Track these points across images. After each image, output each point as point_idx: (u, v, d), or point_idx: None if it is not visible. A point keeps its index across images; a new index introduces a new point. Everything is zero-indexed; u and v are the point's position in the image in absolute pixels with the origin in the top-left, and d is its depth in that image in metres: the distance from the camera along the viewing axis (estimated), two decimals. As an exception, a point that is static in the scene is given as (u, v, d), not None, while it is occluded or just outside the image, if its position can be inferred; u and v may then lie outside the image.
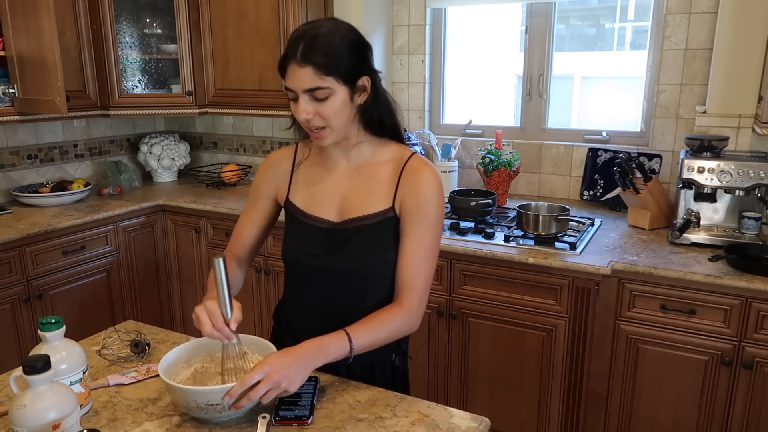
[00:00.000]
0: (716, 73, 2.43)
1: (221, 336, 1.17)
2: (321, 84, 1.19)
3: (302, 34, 1.21)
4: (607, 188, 2.77)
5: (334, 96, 1.21)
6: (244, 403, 1.09)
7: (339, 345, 1.19)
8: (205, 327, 1.17)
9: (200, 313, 1.18)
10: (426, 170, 1.31)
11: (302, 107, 1.22)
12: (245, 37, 2.98)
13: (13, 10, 2.59)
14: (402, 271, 1.30)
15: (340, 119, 1.24)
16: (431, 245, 1.31)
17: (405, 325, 1.29)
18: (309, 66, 1.18)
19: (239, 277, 1.44)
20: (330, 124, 1.24)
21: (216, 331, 1.17)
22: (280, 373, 1.10)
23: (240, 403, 1.08)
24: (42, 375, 0.97)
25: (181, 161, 3.61)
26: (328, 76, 1.19)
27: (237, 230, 1.48)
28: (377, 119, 1.31)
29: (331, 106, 1.22)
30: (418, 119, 3.24)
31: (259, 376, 1.09)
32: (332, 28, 1.22)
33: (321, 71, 1.18)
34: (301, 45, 1.18)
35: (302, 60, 1.18)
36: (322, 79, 1.19)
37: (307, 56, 1.18)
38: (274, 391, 1.10)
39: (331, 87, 1.20)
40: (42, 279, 2.60)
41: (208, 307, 1.18)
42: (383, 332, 1.26)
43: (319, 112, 1.22)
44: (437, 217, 1.31)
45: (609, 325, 2.16)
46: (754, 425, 2.01)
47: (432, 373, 2.49)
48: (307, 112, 1.22)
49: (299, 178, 1.40)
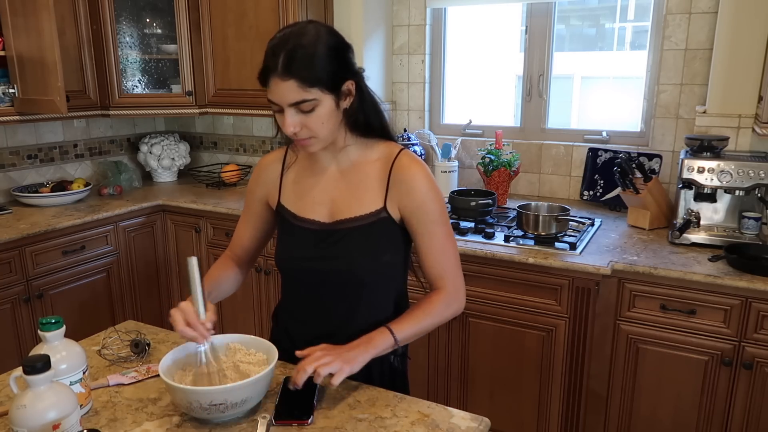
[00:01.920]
0: (716, 73, 2.43)
1: (195, 335, 1.17)
2: (306, 96, 1.16)
3: (280, 43, 1.17)
4: (607, 188, 2.77)
5: (321, 106, 1.19)
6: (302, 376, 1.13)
7: (383, 338, 1.24)
8: (179, 326, 1.17)
9: (175, 313, 1.19)
10: (414, 167, 1.30)
11: (288, 121, 1.19)
12: (245, 37, 2.98)
13: (13, 10, 2.59)
14: (428, 267, 1.33)
15: (327, 128, 1.23)
16: (445, 234, 1.33)
17: (449, 310, 1.33)
18: (292, 79, 1.15)
19: (236, 278, 1.45)
20: (317, 135, 1.22)
21: (190, 331, 1.17)
22: (337, 350, 1.16)
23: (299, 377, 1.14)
24: (42, 375, 0.97)
25: (181, 161, 3.61)
26: (312, 87, 1.16)
27: (236, 232, 1.49)
28: (363, 121, 1.29)
29: (317, 117, 1.19)
30: (418, 119, 3.24)
31: (319, 352, 1.15)
32: (312, 37, 1.18)
33: (305, 84, 1.15)
34: (281, 57, 1.15)
35: (284, 73, 1.15)
36: (306, 92, 1.16)
37: (289, 69, 1.15)
38: (330, 365, 1.14)
39: (316, 98, 1.17)
40: (42, 279, 2.60)
41: (182, 308, 1.19)
42: (427, 320, 1.30)
43: (305, 124, 1.20)
44: (440, 208, 1.32)
45: (609, 325, 2.16)
46: (754, 425, 2.01)
47: (432, 373, 2.49)
48: (294, 126, 1.20)
49: (289, 181, 1.40)
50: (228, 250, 1.49)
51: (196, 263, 1.17)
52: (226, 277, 1.42)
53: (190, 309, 1.19)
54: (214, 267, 1.43)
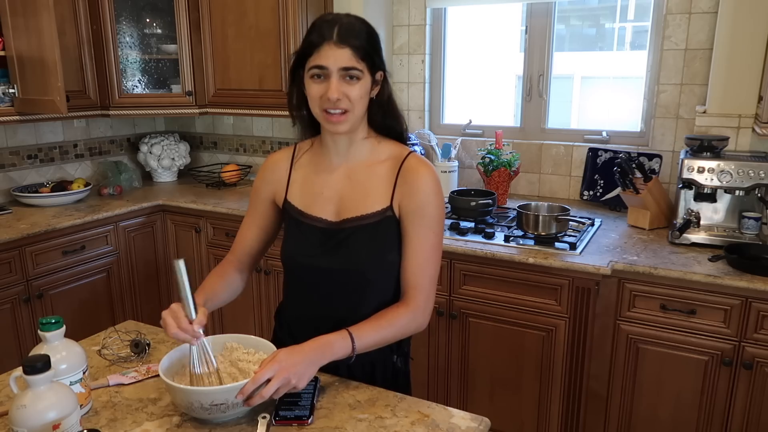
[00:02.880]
0: (716, 73, 2.43)
1: (187, 337, 1.17)
2: (357, 65, 1.23)
3: (335, 19, 1.25)
4: (607, 188, 2.77)
5: (363, 80, 1.25)
6: (257, 400, 1.10)
7: (343, 343, 1.21)
8: (169, 328, 1.17)
9: (165, 316, 1.19)
10: (423, 169, 1.31)
11: (334, 85, 1.23)
12: (245, 37, 2.98)
13: (13, 10, 2.59)
14: (406, 272, 1.31)
15: (361, 105, 1.27)
16: (434, 244, 1.31)
17: (412, 324, 1.30)
18: (347, 47, 1.22)
19: (236, 285, 1.43)
20: (353, 109, 1.26)
21: (181, 332, 1.17)
22: (289, 370, 1.12)
23: (252, 400, 1.10)
24: (42, 375, 0.97)
25: (181, 161, 3.61)
26: (362, 61, 1.24)
27: (239, 234, 1.48)
28: (382, 116, 1.34)
29: (358, 89, 1.25)
30: (418, 119, 3.24)
31: (270, 373, 1.10)
32: (359, 20, 1.27)
33: (358, 54, 1.23)
34: (336, 28, 1.22)
35: (340, 41, 1.22)
36: (357, 62, 1.23)
37: (345, 39, 1.22)
38: (285, 388, 1.12)
39: (362, 71, 1.24)
40: (42, 279, 2.60)
41: (172, 310, 1.20)
42: (389, 331, 1.27)
43: (347, 94, 1.24)
44: (438, 216, 1.31)
45: (609, 325, 2.16)
46: (754, 425, 2.01)
47: (432, 373, 2.49)
48: (338, 91, 1.23)
49: (297, 178, 1.40)
50: (229, 255, 1.47)
51: (183, 266, 1.18)
52: (225, 285, 1.40)
53: (179, 311, 1.19)
54: (212, 275, 1.41)
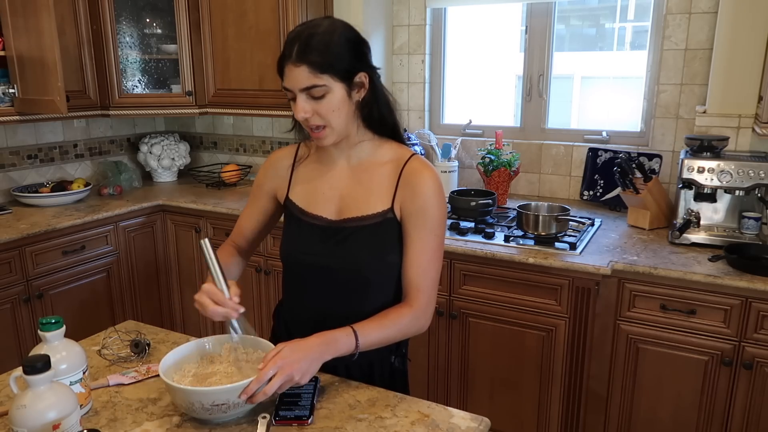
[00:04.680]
0: (716, 73, 2.43)
1: (227, 311, 1.20)
2: (316, 82, 1.20)
3: (298, 34, 1.22)
4: (607, 188, 2.77)
5: (331, 94, 1.22)
6: (260, 398, 1.10)
7: (347, 340, 1.22)
8: (208, 307, 1.19)
9: (200, 297, 1.21)
10: (425, 172, 1.31)
11: (300, 106, 1.23)
12: (245, 37, 2.98)
13: (13, 10, 2.59)
14: (408, 274, 1.31)
15: (338, 117, 1.25)
16: (435, 246, 1.31)
17: (414, 325, 1.31)
18: (304, 65, 1.19)
19: (238, 264, 1.48)
20: (329, 123, 1.25)
21: (220, 308, 1.19)
22: (293, 366, 1.12)
23: (255, 398, 1.10)
24: (42, 375, 0.97)
25: (181, 161, 3.61)
26: (324, 74, 1.20)
27: (238, 223, 1.52)
28: (377, 116, 1.32)
29: (328, 104, 1.22)
30: (418, 119, 3.24)
31: (273, 371, 1.11)
32: (328, 27, 1.23)
33: (316, 69, 1.19)
34: (296, 45, 1.20)
35: (297, 60, 1.20)
36: (317, 77, 1.20)
37: (302, 56, 1.19)
38: (287, 384, 1.12)
39: (326, 85, 1.21)
40: (42, 279, 2.60)
41: (206, 290, 1.21)
42: (391, 331, 1.28)
43: (317, 111, 1.23)
44: (439, 218, 1.31)
45: (609, 325, 2.16)
46: (754, 425, 2.01)
47: (432, 373, 2.49)
48: (305, 111, 1.23)
49: (299, 176, 1.41)
50: (229, 239, 1.52)
51: (209, 244, 1.21)
52: (235, 262, 1.46)
53: (214, 289, 1.21)
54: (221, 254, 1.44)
